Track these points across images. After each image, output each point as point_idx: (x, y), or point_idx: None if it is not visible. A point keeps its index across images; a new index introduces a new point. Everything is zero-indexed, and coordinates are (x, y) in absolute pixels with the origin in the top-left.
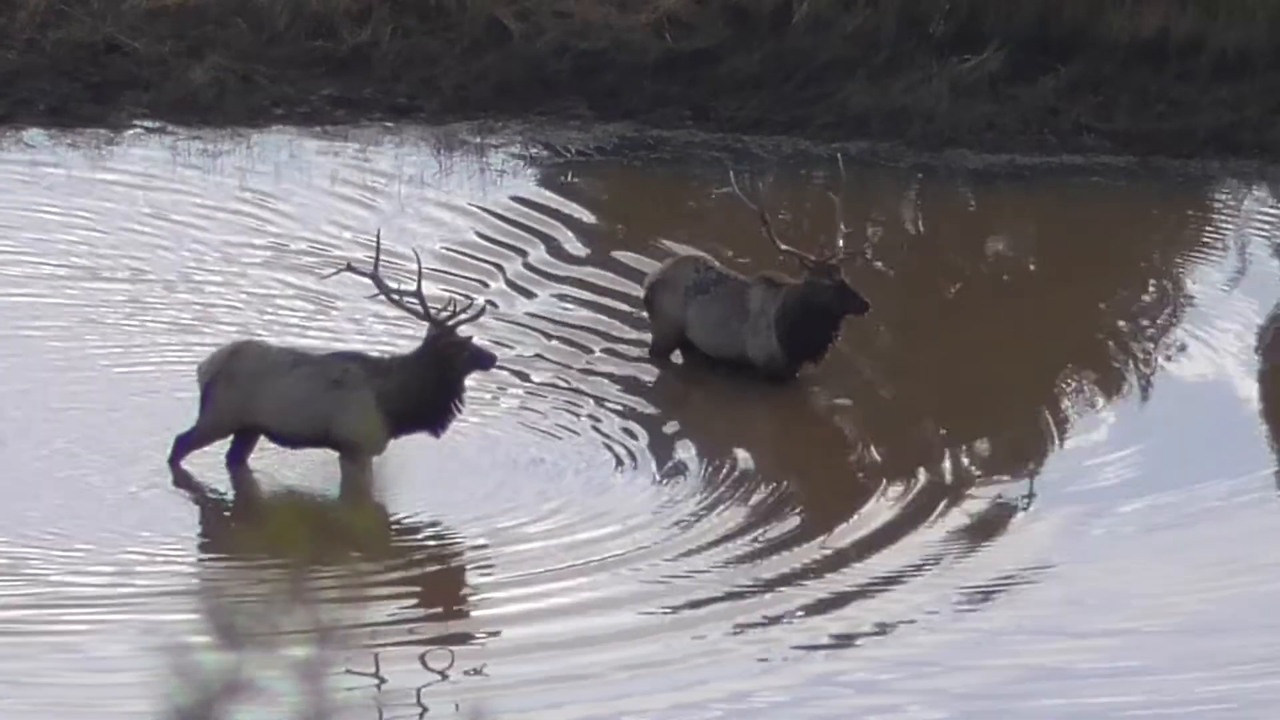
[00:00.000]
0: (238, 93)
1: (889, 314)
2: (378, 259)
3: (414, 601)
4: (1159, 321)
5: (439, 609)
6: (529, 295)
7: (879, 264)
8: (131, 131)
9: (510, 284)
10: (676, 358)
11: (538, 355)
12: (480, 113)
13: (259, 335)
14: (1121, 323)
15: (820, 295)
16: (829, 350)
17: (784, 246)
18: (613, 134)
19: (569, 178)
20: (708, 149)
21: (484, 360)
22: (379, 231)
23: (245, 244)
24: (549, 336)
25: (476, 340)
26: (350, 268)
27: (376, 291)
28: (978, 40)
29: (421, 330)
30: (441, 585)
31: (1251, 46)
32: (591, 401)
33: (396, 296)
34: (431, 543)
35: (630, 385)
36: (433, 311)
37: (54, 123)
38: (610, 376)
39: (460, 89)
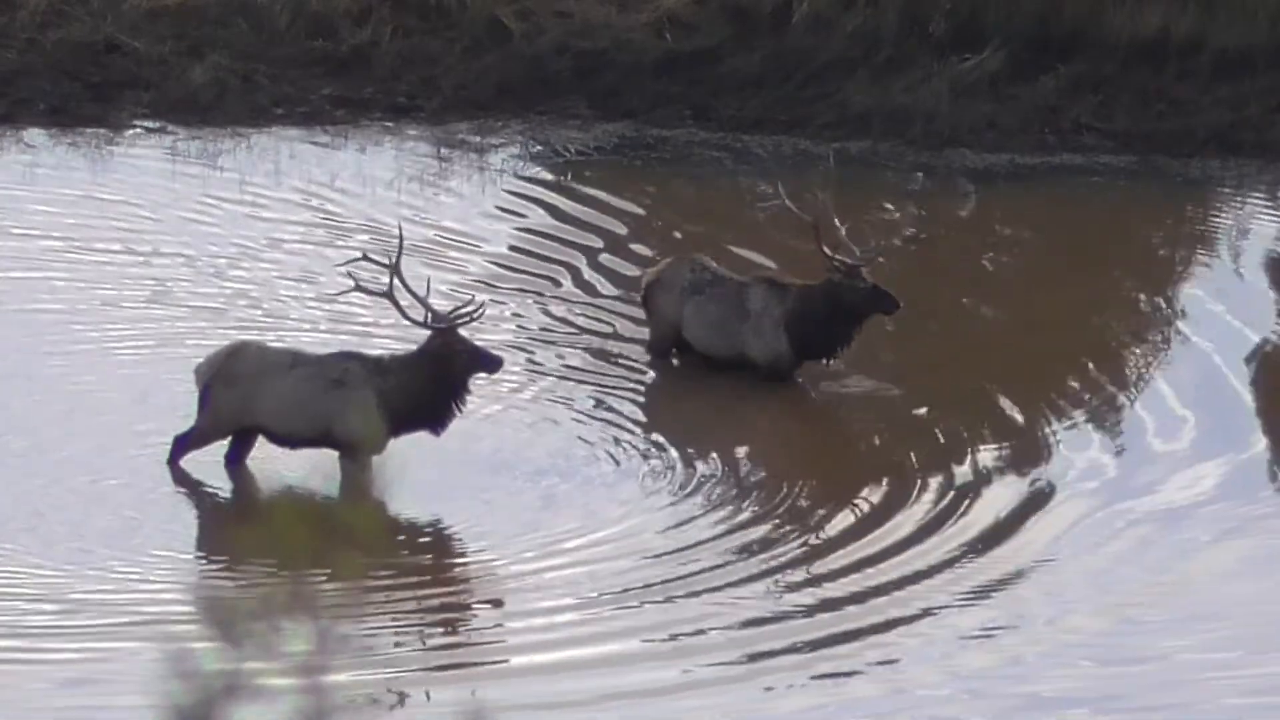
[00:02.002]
0: (238, 93)
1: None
2: (400, 252)
3: (423, 612)
4: (1159, 321)
5: (455, 621)
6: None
7: (879, 262)
8: (131, 131)
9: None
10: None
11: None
12: (480, 112)
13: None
14: (1121, 322)
15: (851, 295)
16: (843, 350)
17: (837, 258)
18: (613, 133)
19: (568, 177)
20: (708, 148)
21: (485, 361)
22: (400, 225)
23: (296, 234)
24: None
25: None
26: (365, 257)
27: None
28: (978, 40)
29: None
30: (473, 599)
31: (1251, 46)
32: (595, 403)
33: (400, 292)
34: (457, 555)
35: (630, 386)
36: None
37: (54, 122)
38: (615, 375)
39: (460, 89)
